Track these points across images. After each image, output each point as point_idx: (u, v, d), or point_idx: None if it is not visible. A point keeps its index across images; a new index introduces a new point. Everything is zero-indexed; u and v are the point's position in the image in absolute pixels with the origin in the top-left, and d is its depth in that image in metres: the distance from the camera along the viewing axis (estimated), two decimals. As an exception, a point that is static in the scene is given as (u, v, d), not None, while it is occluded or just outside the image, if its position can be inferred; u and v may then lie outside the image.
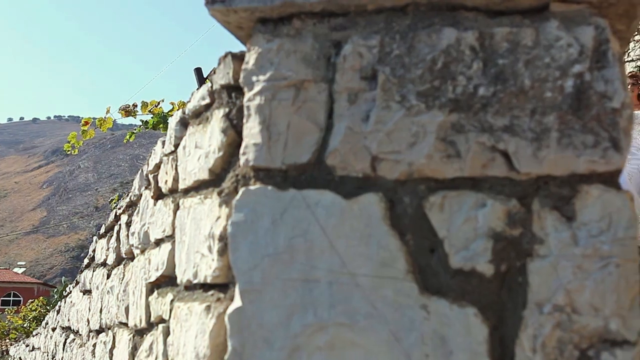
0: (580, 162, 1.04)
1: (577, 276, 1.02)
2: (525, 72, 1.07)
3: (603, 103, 1.04)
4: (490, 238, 1.05)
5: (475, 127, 1.07)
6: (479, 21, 1.11)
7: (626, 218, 1.02)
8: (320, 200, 1.11)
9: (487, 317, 1.04)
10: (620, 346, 1.00)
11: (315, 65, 1.16)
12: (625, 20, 1.15)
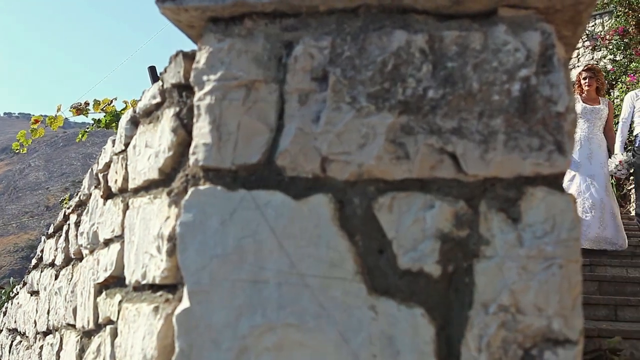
0: (526, 164, 1.06)
1: (522, 277, 1.03)
2: (474, 76, 1.09)
3: (548, 107, 1.06)
4: (438, 239, 1.06)
5: (424, 129, 1.09)
6: (429, 24, 1.13)
7: (569, 220, 1.04)
8: (270, 200, 1.11)
9: (434, 317, 1.05)
10: (563, 345, 1.02)
11: (266, 66, 1.16)
12: (571, 27, 1.18)
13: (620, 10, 15.13)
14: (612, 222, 6.90)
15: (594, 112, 7.24)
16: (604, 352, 3.58)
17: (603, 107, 7.36)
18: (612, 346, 3.57)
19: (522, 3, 1.10)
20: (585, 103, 7.36)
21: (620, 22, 15.17)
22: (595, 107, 7.28)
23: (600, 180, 7.05)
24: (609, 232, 6.84)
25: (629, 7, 14.77)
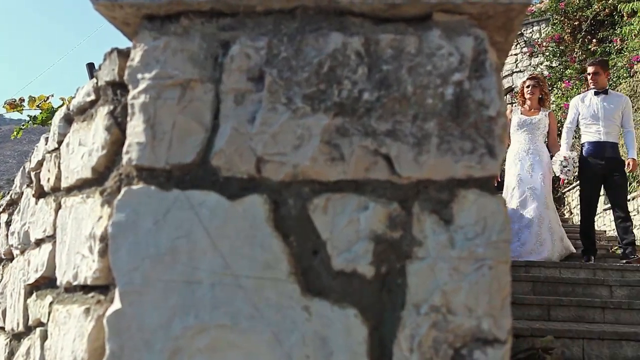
0: (458, 167, 1.08)
1: (453, 278, 1.05)
2: (409, 79, 1.10)
3: (480, 111, 1.08)
4: (371, 240, 1.07)
5: (359, 131, 1.09)
6: (365, 27, 1.13)
7: (500, 222, 1.06)
8: (205, 201, 1.10)
9: (367, 318, 1.06)
10: (492, 345, 1.04)
11: (202, 65, 1.15)
12: (503, 33, 1.20)
13: (557, 18, 15.54)
14: (549, 238, 6.71)
15: (532, 123, 7.06)
16: (537, 351, 3.67)
17: (542, 116, 7.15)
18: (545, 345, 3.66)
19: (456, 9, 1.12)
20: (523, 115, 7.21)
21: (556, 30, 15.58)
22: (534, 118, 7.11)
23: (540, 193, 6.85)
24: (544, 248, 6.67)
25: (564, 15, 15.18)
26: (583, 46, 14.66)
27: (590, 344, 3.88)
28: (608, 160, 6.79)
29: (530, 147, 7.02)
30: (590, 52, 14.39)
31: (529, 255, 6.53)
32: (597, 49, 14.21)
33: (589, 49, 14.45)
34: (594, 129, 6.90)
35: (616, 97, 7.07)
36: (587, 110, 6.95)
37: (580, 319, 4.73)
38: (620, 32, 12.85)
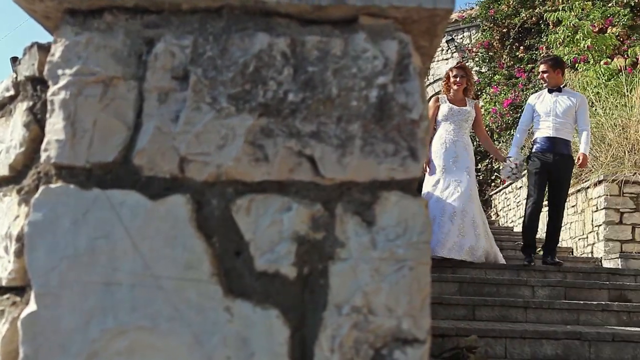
0: (381, 169, 1.09)
1: (374, 278, 1.06)
2: (334, 81, 1.11)
3: (404, 114, 1.10)
4: (294, 241, 1.08)
5: (283, 131, 1.09)
6: (292, 28, 1.14)
7: (420, 223, 1.08)
8: (125, 200, 1.08)
9: (289, 319, 1.06)
10: (411, 344, 1.06)
11: (125, 62, 1.13)
12: (427, 37, 1.22)
13: (486, 25, 15.91)
14: (471, 231, 6.49)
15: (460, 114, 6.84)
16: (461, 350, 3.74)
17: (470, 108, 6.94)
18: (469, 344, 3.74)
19: (382, 12, 1.13)
20: (452, 104, 6.93)
21: (486, 36, 15.95)
22: (462, 109, 6.89)
23: (465, 186, 6.62)
24: (467, 241, 6.41)
25: (494, 22, 15.55)
26: (511, 53, 15.05)
27: (513, 343, 3.98)
28: (558, 156, 6.65)
29: (457, 138, 6.83)
30: (517, 59, 14.79)
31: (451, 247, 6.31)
32: (524, 55, 14.62)
33: (517, 55, 14.84)
34: (546, 125, 6.77)
35: (571, 95, 6.94)
36: (541, 107, 6.86)
37: (503, 319, 4.85)
38: (546, 40, 13.24)
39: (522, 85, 13.78)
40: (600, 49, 11.40)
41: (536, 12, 14.62)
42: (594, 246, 8.16)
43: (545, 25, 13.87)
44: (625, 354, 3.98)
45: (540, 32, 14.35)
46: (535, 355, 3.99)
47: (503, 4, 15.39)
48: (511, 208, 13.03)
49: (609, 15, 12.07)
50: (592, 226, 8.15)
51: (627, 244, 7.75)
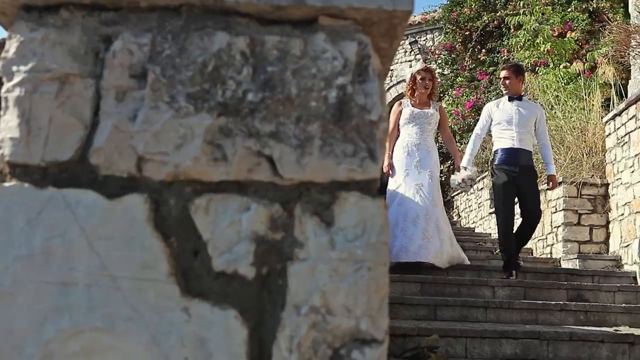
0: (340, 170, 1.09)
1: (333, 279, 1.06)
2: (293, 81, 1.11)
3: (363, 115, 1.10)
4: (253, 241, 1.07)
5: (242, 131, 1.09)
6: (251, 28, 1.13)
7: (379, 224, 1.09)
8: (82, 199, 1.07)
9: (248, 319, 1.06)
10: (369, 345, 1.06)
11: (82, 60, 1.12)
12: (387, 39, 1.23)
13: (449, 28, 16.07)
14: (436, 235, 6.33)
15: (424, 117, 6.74)
16: (423, 350, 3.77)
17: (433, 111, 6.82)
18: (430, 344, 3.77)
19: (341, 14, 1.13)
20: (414, 107, 6.83)
21: (448, 39, 16.12)
22: (426, 112, 6.77)
23: (428, 190, 6.49)
24: (432, 245, 6.27)
25: (456, 25, 15.72)
26: (473, 55, 15.24)
27: (473, 343, 4.03)
28: (522, 168, 6.37)
29: (420, 141, 6.68)
30: (479, 62, 14.98)
31: (416, 251, 6.17)
32: (486, 58, 14.81)
33: (479, 58, 15.04)
34: (508, 135, 6.44)
35: (531, 105, 6.78)
36: (501, 115, 6.52)
37: (464, 319, 4.90)
38: (507, 43, 13.43)
39: (483, 87, 13.96)
40: (559, 53, 11.60)
41: (498, 15, 14.82)
42: (552, 247, 8.29)
43: (507, 28, 14.08)
44: (582, 352, 4.06)
45: (501, 36, 14.57)
46: (494, 355, 4.05)
47: (465, 7, 15.58)
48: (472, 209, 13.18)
49: (568, 20, 12.29)
50: (552, 227, 8.28)
51: (585, 245, 7.90)
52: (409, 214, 6.38)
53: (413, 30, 20.78)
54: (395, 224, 6.34)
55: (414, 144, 6.71)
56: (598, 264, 7.40)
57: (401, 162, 6.68)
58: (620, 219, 7.47)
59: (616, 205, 7.62)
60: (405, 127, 6.80)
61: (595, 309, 5.10)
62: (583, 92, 9.57)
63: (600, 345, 4.08)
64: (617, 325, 4.85)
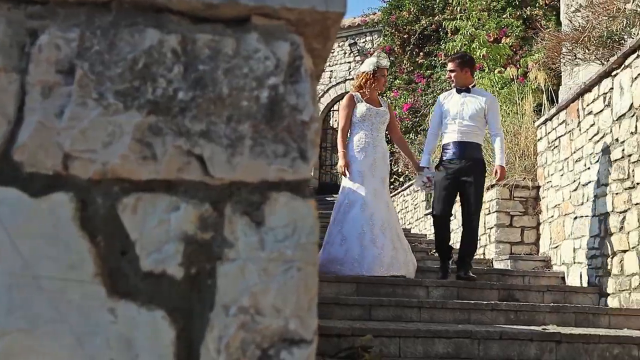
0: (270, 170, 1.09)
1: (262, 279, 1.06)
2: (224, 80, 1.10)
3: (294, 115, 1.11)
4: (182, 241, 1.06)
5: (172, 130, 1.08)
6: (183, 25, 1.12)
7: (309, 224, 1.09)
8: (4, 197, 1.04)
9: (176, 320, 1.05)
10: (298, 345, 1.06)
11: (7, 53, 1.09)
12: (321, 40, 1.24)
13: (388, 30, 16.24)
14: (399, 245, 6.05)
15: (379, 115, 6.31)
16: (357, 350, 3.80)
17: (385, 109, 6.44)
18: (364, 344, 3.80)
19: (274, 13, 1.13)
20: (369, 103, 6.34)
21: (387, 41, 16.29)
22: (380, 110, 6.36)
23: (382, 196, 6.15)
24: (400, 255, 6.00)
25: (395, 28, 15.90)
26: (411, 58, 15.45)
27: (406, 342, 4.08)
28: (469, 161, 6.13)
29: (377, 143, 6.27)
30: (417, 64, 15.20)
31: (391, 263, 5.87)
32: (423, 61, 15.02)
33: (417, 61, 15.26)
34: (455, 128, 6.19)
35: (480, 96, 6.40)
36: (449, 108, 6.27)
37: (398, 319, 4.96)
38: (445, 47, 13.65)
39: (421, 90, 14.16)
40: (494, 58, 11.86)
41: (435, 19, 15.07)
42: (486, 248, 8.46)
43: (444, 33, 14.33)
44: (512, 351, 4.16)
45: (439, 40, 14.81)
46: (427, 354, 4.10)
47: (404, 10, 15.78)
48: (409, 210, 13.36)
49: (503, 27, 12.58)
50: (485, 228, 8.45)
51: (517, 246, 8.09)
52: (375, 221, 5.94)
53: (353, 32, 20.95)
54: (362, 232, 5.88)
55: (371, 146, 6.23)
56: (529, 264, 7.58)
57: (358, 164, 6.15)
58: (550, 221, 7.68)
59: (546, 208, 7.83)
60: (360, 124, 6.29)
61: (525, 309, 5.22)
62: (516, 97, 9.81)
63: (529, 344, 4.18)
64: (545, 324, 4.97)
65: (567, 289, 6.32)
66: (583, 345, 4.22)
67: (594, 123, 6.36)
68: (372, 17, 19.31)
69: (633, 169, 5.45)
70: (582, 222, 6.63)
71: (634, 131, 5.44)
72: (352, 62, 20.90)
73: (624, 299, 5.58)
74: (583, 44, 6.73)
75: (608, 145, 5.98)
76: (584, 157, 6.60)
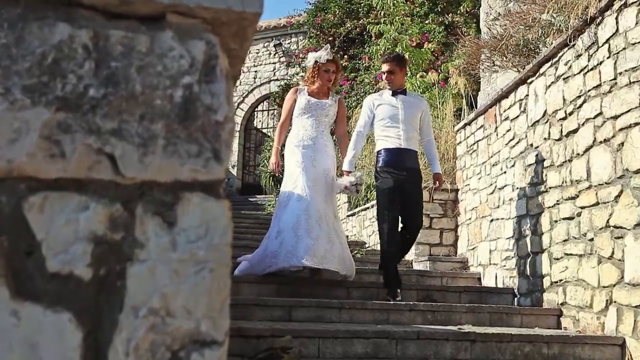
0: (184, 170, 1.08)
1: (174, 280, 1.05)
2: (138, 78, 1.08)
3: (208, 115, 1.10)
4: (91, 242, 1.04)
5: (83, 128, 1.05)
6: (96, 21, 1.10)
7: (222, 225, 1.08)
8: None
9: (83, 322, 1.02)
10: (209, 346, 1.05)
11: None
12: (238, 40, 1.23)
13: (313, 32, 16.31)
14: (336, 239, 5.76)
15: (319, 107, 6.07)
16: (276, 351, 3.79)
17: (331, 102, 6.16)
18: (283, 345, 3.80)
19: (190, 12, 1.12)
20: (311, 96, 6.13)
21: (312, 43, 16.35)
22: (322, 102, 6.10)
23: (323, 189, 5.88)
24: (335, 249, 5.72)
25: (320, 30, 15.98)
26: (335, 61, 15.51)
27: (326, 343, 4.10)
28: (409, 171, 5.83)
29: (316, 135, 6.01)
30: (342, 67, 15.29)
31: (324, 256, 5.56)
32: (348, 64, 15.14)
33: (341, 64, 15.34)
34: (394, 133, 5.84)
35: (416, 100, 6.20)
36: (385, 111, 5.90)
37: (319, 319, 4.98)
38: (369, 51, 13.81)
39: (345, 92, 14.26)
40: (417, 62, 12.07)
41: (360, 23, 15.22)
42: (406, 249, 8.57)
43: (369, 36, 14.48)
44: (428, 350, 4.24)
45: (363, 43, 14.97)
46: (346, 354, 4.14)
47: (330, 13, 15.89)
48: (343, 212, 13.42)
49: (425, 32, 12.81)
50: (405, 230, 8.55)
51: (435, 247, 8.25)
52: (311, 212, 5.67)
53: (278, 32, 20.97)
54: (297, 222, 5.64)
55: (310, 137, 5.99)
56: (447, 265, 7.75)
57: (296, 156, 5.94)
58: (468, 223, 7.88)
59: (464, 210, 8.02)
60: (300, 118, 6.10)
61: (442, 309, 5.33)
62: (437, 101, 10.01)
63: (445, 343, 4.27)
64: (461, 324, 5.09)
65: (483, 289, 6.49)
66: (496, 344, 4.34)
67: (510, 128, 6.55)
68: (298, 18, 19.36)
69: (546, 173, 5.64)
70: (498, 224, 6.82)
71: (547, 137, 5.64)
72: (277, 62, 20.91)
73: (535, 299, 5.78)
74: (501, 52, 6.93)
75: (523, 150, 6.17)
76: (500, 161, 6.80)
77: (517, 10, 6.84)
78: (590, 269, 4.76)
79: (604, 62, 4.68)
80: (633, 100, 4.25)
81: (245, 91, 21.20)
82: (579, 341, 4.42)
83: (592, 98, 4.84)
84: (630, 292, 4.20)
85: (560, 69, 5.43)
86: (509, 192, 6.49)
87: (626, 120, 4.32)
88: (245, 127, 21.47)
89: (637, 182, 4.16)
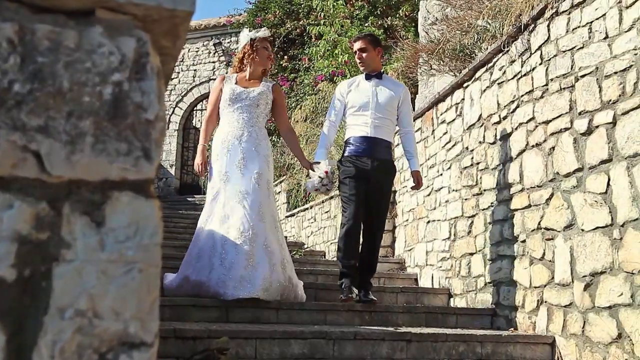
0: (113, 168, 1.06)
1: (101, 281, 1.03)
2: (65, 74, 1.06)
3: (139, 114, 1.08)
4: (15, 241, 1.01)
5: (7, 124, 1.02)
6: (21, 14, 1.07)
7: (152, 225, 1.07)
8: None
9: (6, 325, 0.99)
10: (138, 348, 1.04)
11: None
12: (170, 38, 1.22)
13: (252, 32, 16.22)
14: (264, 260, 4.82)
15: (249, 97, 5.09)
16: (212, 352, 3.76)
17: (265, 89, 5.16)
18: (220, 346, 3.77)
19: (120, 8, 1.10)
20: (239, 85, 5.15)
21: (252, 43, 16.24)
22: (251, 90, 5.12)
23: (253, 198, 4.91)
24: (259, 273, 4.77)
25: (259, 30, 15.90)
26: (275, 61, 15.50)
27: (263, 343, 4.08)
28: (377, 162, 5.24)
29: (244, 132, 5.04)
30: (281, 68, 15.29)
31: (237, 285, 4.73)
32: (288, 65, 15.15)
33: (281, 64, 15.35)
34: (362, 121, 5.26)
35: (394, 85, 5.51)
36: (356, 97, 5.33)
37: (256, 320, 4.95)
38: (309, 52, 13.84)
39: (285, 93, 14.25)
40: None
41: (300, 24, 15.24)
42: (344, 250, 8.60)
43: (309, 37, 14.51)
44: (365, 350, 4.26)
45: (303, 44, 15.00)
46: (283, 355, 4.13)
47: (270, 13, 15.86)
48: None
49: (365, 34, 12.88)
50: (343, 231, 8.58)
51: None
52: (230, 233, 4.82)
53: (218, 31, 20.83)
54: (212, 248, 4.86)
55: (236, 136, 5.03)
56: (384, 266, 7.81)
57: (220, 161, 5.01)
58: (405, 225, 7.96)
59: (402, 212, 8.10)
60: (226, 112, 5.14)
61: (379, 309, 5.37)
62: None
63: (382, 343, 4.30)
64: (398, 325, 5.14)
65: (420, 290, 6.56)
66: (432, 343, 4.40)
67: (447, 131, 6.66)
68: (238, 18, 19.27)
69: (481, 176, 5.75)
70: (434, 226, 6.92)
71: (482, 140, 5.75)
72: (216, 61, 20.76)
73: (470, 300, 5.88)
74: (438, 56, 7.03)
75: (459, 153, 6.28)
76: (437, 163, 6.90)
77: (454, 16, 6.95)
78: (523, 269, 4.88)
79: (536, 68, 4.80)
80: (563, 106, 4.37)
81: (184, 90, 20.97)
82: (511, 340, 4.51)
83: (525, 103, 4.96)
84: (560, 292, 4.32)
85: (495, 74, 5.54)
86: (445, 194, 6.59)
87: (557, 125, 4.44)
88: (184, 126, 21.22)
89: (567, 185, 4.28)
